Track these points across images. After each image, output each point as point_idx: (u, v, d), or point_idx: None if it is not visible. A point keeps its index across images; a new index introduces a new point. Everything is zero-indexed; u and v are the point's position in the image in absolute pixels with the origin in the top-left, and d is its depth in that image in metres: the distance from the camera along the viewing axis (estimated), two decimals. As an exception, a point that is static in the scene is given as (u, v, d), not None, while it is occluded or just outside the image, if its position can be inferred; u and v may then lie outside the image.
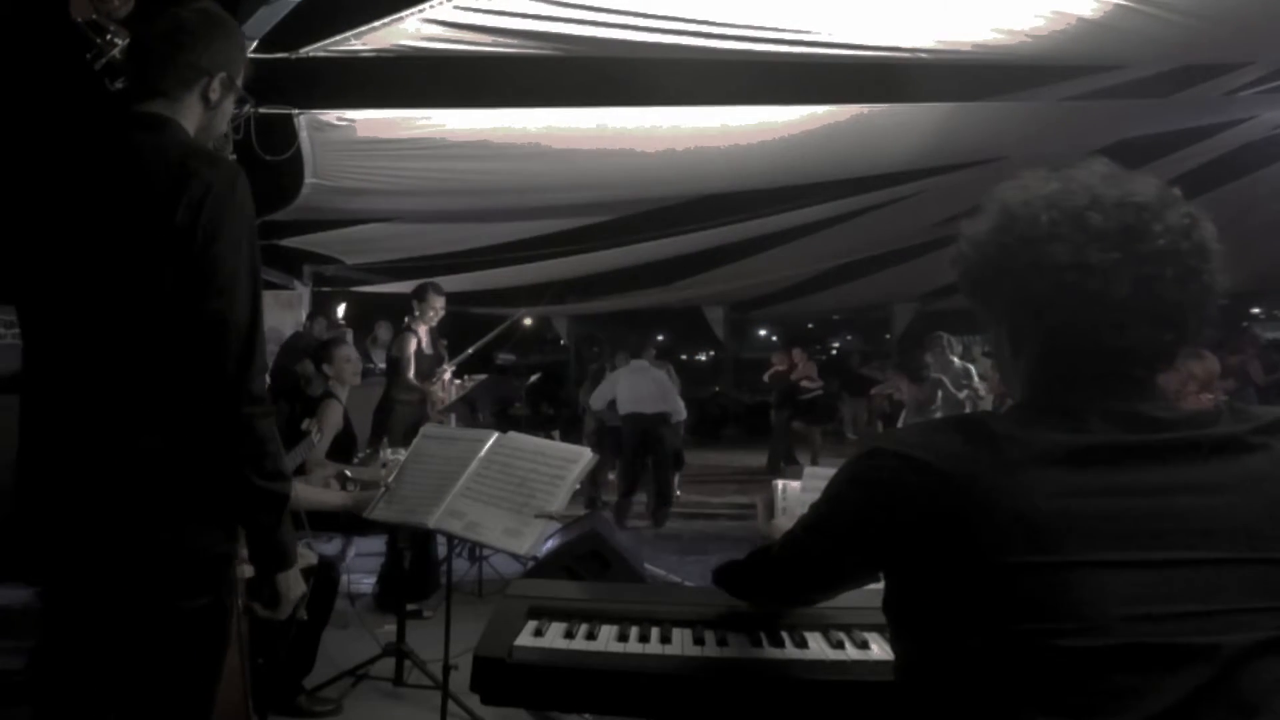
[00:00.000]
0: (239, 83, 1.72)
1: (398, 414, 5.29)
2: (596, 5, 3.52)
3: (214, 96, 1.67)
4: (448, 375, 5.55)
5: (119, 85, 2.03)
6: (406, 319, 5.68)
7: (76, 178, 1.56)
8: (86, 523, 1.50)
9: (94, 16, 2.00)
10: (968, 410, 6.82)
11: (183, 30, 1.63)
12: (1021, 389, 1.13)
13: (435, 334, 5.71)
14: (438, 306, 5.54)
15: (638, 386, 7.78)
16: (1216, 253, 1.04)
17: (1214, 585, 0.92)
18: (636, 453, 7.65)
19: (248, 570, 1.73)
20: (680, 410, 8.00)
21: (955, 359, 7.42)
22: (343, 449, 4.33)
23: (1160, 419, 1.01)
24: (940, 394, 7.31)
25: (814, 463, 10.30)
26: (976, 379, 7.30)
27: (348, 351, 4.42)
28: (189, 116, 1.65)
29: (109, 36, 2.01)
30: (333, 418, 4.08)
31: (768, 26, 3.75)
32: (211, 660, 1.61)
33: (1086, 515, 0.95)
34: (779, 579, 1.34)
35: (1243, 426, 1.01)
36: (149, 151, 1.53)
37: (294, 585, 1.65)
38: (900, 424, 8.28)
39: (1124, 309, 1.01)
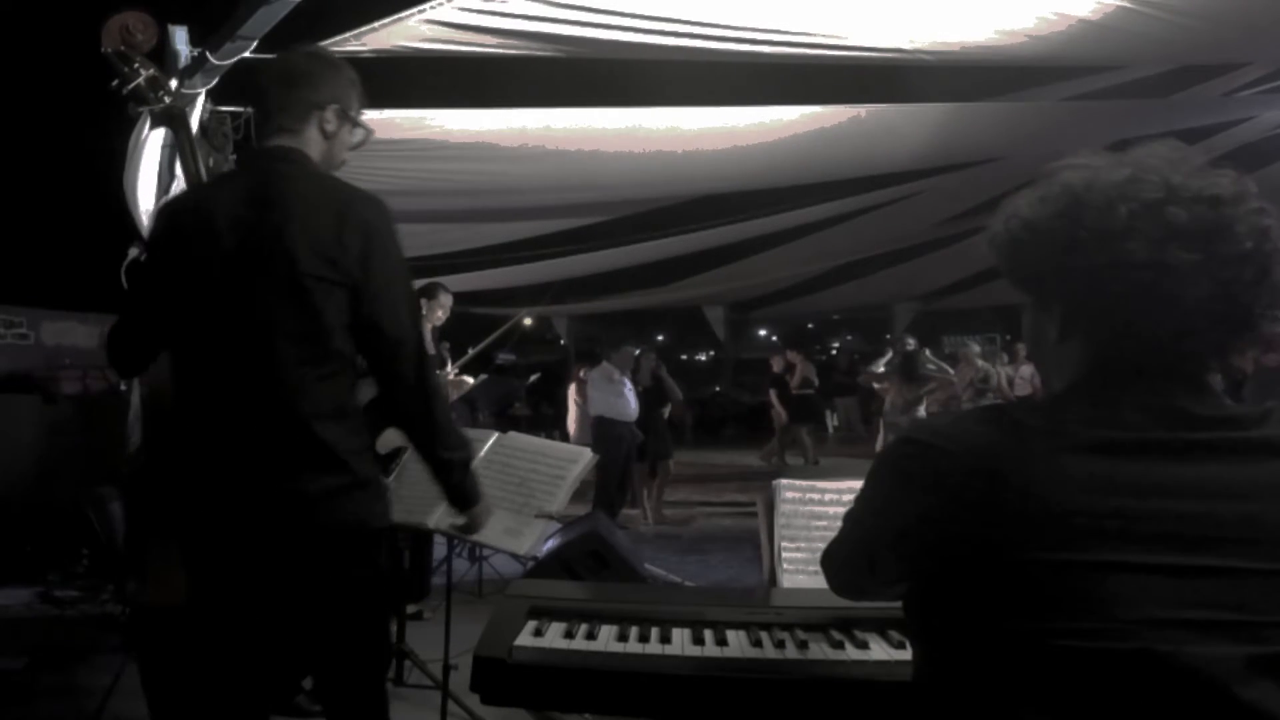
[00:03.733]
0: (352, 114, 1.90)
1: None
2: (597, 7, 3.52)
3: (329, 128, 1.85)
4: (450, 377, 5.53)
5: (139, 110, 2.33)
6: None
7: (235, 205, 1.74)
8: (273, 499, 1.71)
9: (122, 48, 2.25)
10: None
11: (293, 71, 1.85)
12: (1061, 375, 1.07)
13: (438, 335, 5.68)
14: (446, 305, 5.50)
15: (590, 394, 7.77)
16: None
17: (1241, 595, 0.88)
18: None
19: None
20: (616, 412, 7.61)
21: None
22: None
23: (1199, 416, 0.95)
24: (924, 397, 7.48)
25: (808, 462, 10.31)
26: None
27: None
28: (311, 147, 1.84)
29: (135, 66, 2.25)
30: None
31: (768, 28, 3.75)
32: (381, 615, 2.04)
33: (1110, 513, 0.90)
34: (837, 569, 1.24)
35: None
36: (300, 183, 1.76)
37: (483, 513, 2.02)
38: (882, 422, 8.38)
39: (1196, 312, 0.94)
